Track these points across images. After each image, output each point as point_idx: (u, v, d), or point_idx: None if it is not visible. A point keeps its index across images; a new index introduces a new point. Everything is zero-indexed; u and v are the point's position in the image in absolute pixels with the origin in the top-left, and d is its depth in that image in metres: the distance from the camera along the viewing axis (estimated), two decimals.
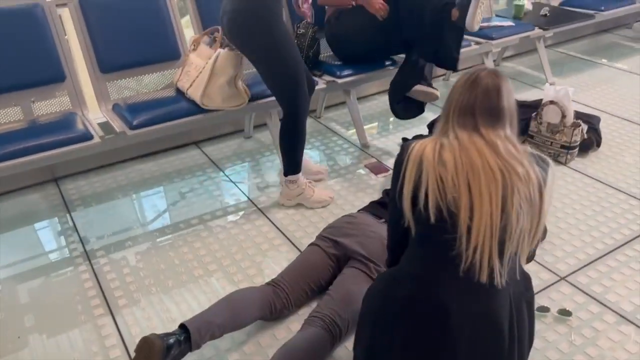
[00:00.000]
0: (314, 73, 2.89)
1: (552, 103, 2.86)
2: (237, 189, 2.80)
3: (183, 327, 1.68)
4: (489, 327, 1.37)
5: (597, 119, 3.16)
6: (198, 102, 2.52)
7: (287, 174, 2.54)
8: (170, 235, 2.46)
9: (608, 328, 1.91)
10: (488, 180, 1.30)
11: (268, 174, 2.93)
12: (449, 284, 1.37)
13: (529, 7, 3.93)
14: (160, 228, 2.52)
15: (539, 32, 3.67)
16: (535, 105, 3.03)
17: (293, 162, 2.51)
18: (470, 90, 1.36)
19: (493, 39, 3.45)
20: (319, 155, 3.09)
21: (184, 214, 2.60)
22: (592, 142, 3.00)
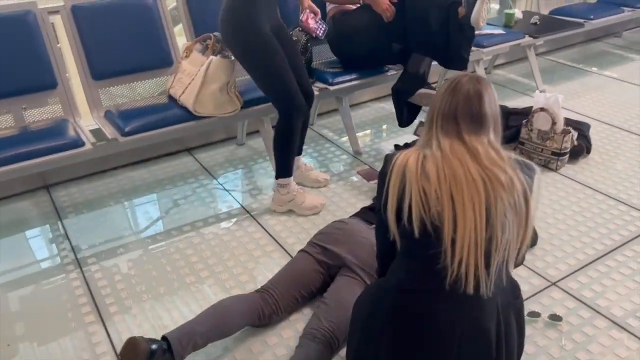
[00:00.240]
0: None
1: (542, 110, 2.89)
2: (229, 196, 2.80)
3: (165, 338, 1.69)
4: (477, 337, 1.36)
5: (587, 126, 3.18)
6: (190, 109, 2.52)
7: (277, 177, 2.56)
8: (162, 242, 2.45)
9: (598, 333, 1.92)
10: (471, 192, 1.28)
11: (260, 181, 2.94)
12: (435, 296, 1.36)
13: (519, 15, 3.96)
14: (152, 235, 2.51)
15: (530, 40, 3.70)
16: (526, 113, 3.05)
17: (284, 164, 2.53)
18: (452, 96, 1.35)
19: (484, 47, 3.47)
20: (312, 162, 3.09)
21: (176, 221, 2.60)
22: (582, 148, 3.03)
